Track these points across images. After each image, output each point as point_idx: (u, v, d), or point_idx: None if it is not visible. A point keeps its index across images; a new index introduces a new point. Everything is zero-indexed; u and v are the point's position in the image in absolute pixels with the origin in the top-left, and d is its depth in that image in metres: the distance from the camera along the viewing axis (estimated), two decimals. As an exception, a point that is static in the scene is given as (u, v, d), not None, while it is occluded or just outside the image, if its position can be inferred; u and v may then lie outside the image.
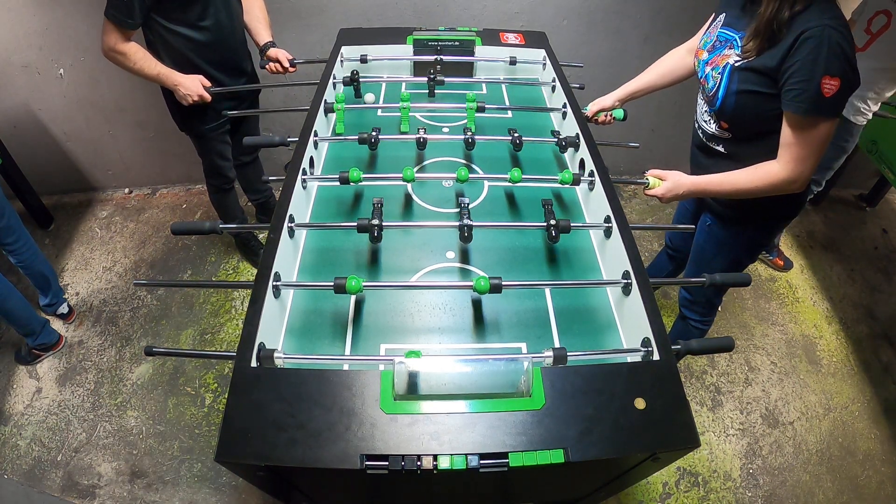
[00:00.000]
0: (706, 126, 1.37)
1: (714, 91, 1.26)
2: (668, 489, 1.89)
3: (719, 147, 1.36)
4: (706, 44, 1.34)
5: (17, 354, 2.19)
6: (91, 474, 1.88)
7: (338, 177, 1.27)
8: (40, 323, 2.12)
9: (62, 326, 2.32)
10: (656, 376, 0.90)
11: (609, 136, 2.35)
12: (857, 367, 2.28)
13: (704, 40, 1.36)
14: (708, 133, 1.37)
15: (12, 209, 1.99)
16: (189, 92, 1.74)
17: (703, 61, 1.33)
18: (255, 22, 1.93)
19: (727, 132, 1.31)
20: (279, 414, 0.82)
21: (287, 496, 1.10)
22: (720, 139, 1.35)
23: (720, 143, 1.36)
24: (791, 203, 1.39)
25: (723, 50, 1.27)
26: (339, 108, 1.52)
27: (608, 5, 2.38)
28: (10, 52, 2.36)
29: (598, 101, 1.67)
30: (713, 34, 1.33)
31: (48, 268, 2.20)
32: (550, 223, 1.17)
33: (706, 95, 1.32)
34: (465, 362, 0.98)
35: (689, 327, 1.75)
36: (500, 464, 0.79)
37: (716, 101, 1.26)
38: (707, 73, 1.30)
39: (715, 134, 1.34)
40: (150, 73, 1.70)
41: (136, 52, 1.67)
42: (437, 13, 2.37)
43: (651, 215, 2.94)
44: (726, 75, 1.22)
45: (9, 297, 1.96)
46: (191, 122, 1.94)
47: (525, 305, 1.13)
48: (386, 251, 1.24)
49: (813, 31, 1.06)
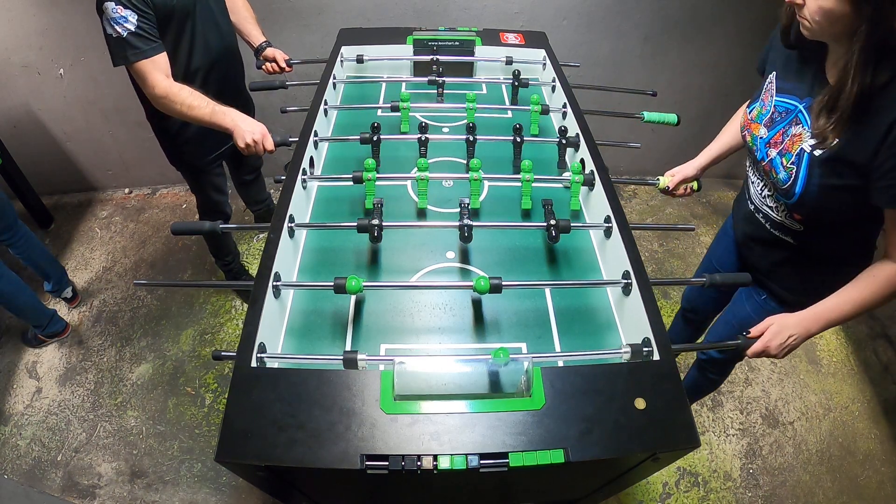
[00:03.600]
0: (771, 213, 1.18)
1: (789, 184, 1.06)
2: (668, 489, 1.89)
3: (788, 238, 1.19)
4: (761, 116, 1.13)
5: (24, 337, 2.23)
6: (91, 474, 1.88)
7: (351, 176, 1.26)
8: (48, 315, 2.16)
9: (67, 311, 2.35)
10: (656, 376, 0.90)
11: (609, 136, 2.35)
12: (857, 367, 2.28)
13: (758, 110, 1.14)
14: (774, 221, 1.19)
15: (11, 206, 2.01)
16: (251, 130, 1.48)
17: (761, 139, 1.13)
18: (244, 22, 1.83)
19: (799, 224, 1.13)
20: (279, 414, 0.82)
21: (287, 496, 1.10)
22: (789, 230, 1.17)
23: (789, 234, 1.18)
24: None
25: (785, 125, 1.07)
26: (405, 108, 1.51)
27: (608, 5, 2.38)
28: (10, 52, 2.36)
29: (679, 172, 1.46)
30: (767, 103, 1.12)
31: (48, 256, 2.24)
32: (550, 223, 1.17)
33: (776, 185, 1.11)
34: (465, 362, 0.98)
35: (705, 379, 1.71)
36: (500, 464, 0.79)
37: (792, 195, 1.06)
38: (773, 157, 1.09)
39: (784, 224, 1.17)
40: (205, 108, 1.48)
41: (181, 87, 1.47)
42: (437, 13, 2.37)
43: (651, 215, 2.94)
44: (804, 166, 1.02)
45: (20, 294, 2.00)
46: (185, 156, 1.78)
47: (525, 305, 1.13)
48: (386, 251, 1.24)
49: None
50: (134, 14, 1.36)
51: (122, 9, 1.35)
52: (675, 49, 2.55)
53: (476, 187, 1.28)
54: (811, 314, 1.08)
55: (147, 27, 1.39)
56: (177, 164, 1.83)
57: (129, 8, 1.36)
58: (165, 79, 1.45)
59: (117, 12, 1.34)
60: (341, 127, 1.63)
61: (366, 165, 1.25)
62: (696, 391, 1.86)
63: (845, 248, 1.12)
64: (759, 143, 1.13)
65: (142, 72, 1.42)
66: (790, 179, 1.05)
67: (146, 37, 1.40)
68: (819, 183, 1.01)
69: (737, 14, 2.43)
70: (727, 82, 2.66)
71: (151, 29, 1.41)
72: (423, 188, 1.28)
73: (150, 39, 1.41)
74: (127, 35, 1.37)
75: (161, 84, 1.44)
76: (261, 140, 1.49)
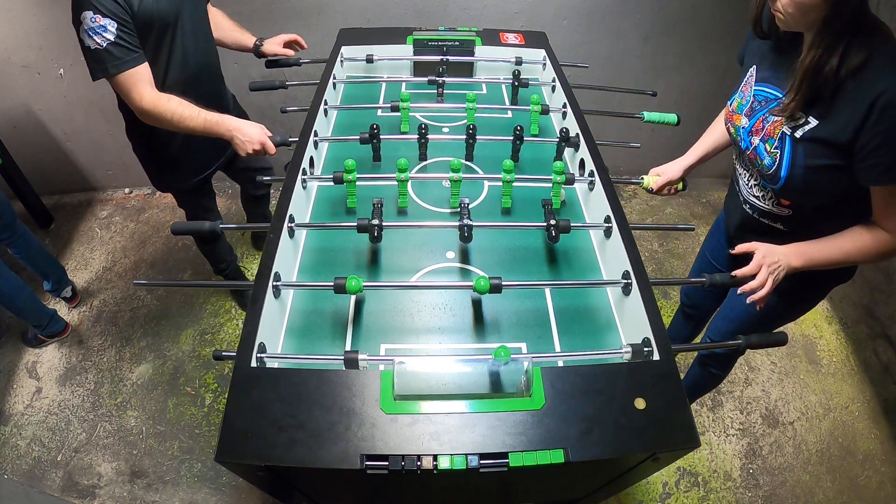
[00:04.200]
0: (758, 203, 1.20)
1: (774, 168, 1.07)
2: (668, 489, 1.89)
3: (777, 224, 1.20)
4: (741, 106, 1.15)
5: (24, 337, 2.23)
6: (91, 474, 1.88)
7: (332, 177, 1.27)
8: (48, 315, 2.16)
9: (67, 310, 2.35)
10: (656, 376, 0.90)
11: (609, 136, 2.35)
12: (857, 367, 2.28)
13: (738, 101, 1.17)
14: (762, 210, 1.20)
15: (10, 206, 2.01)
16: (250, 139, 1.44)
17: (743, 129, 1.14)
18: (231, 33, 1.76)
19: (787, 209, 1.15)
20: (279, 414, 0.82)
21: (287, 496, 1.10)
22: (778, 216, 1.18)
23: (778, 221, 1.19)
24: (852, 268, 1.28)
25: (765, 112, 1.09)
26: (405, 108, 1.50)
27: (608, 5, 2.38)
28: (10, 52, 2.36)
29: (664, 174, 1.42)
30: (747, 93, 1.14)
31: (47, 255, 2.23)
32: (550, 223, 1.17)
33: (762, 172, 1.12)
34: (465, 362, 0.98)
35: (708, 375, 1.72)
36: (500, 464, 0.79)
37: (778, 180, 1.07)
38: (756, 145, 1.10)
39: (772, 211, 1.18)
40: (196, 118, 1.40)
41: (169, 98, 1.38)
42: (437, 13, 2.37)
43: (651, 215, 2.94)
44: (787, 149, 1.04)
45: (19, 294, 2.00)
46: (167, 177, 1.69)
47: (525, 305, 1.13)
48: (386, 251, 1.24)
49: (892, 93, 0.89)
50: (113, 23, 1.27)
51: (101, 17, 1.26)
52: (675, 49, 2.55)
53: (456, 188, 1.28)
54: (795, 248, 1.10)
55: (127, 36, 1.30)
56: (160, 186, 1.76)
57: (108, 17, 1.27)
58: (151, 90, 1.36)
59: (96, 21, 1.26)
60: (341, 127, 1.63)
61: (346, 166, 1.25)
62: (698, 388, 1.86)
63: (835, 230, 1.11)
64: (741, 133, 1.15)
65: (125, 84, 1.34)
66: (774, 164, 1.06)
67: (127, 47, 1.31)
68: (803, 165, 1.03)
69: (736, 14, 2.43)
70: (727, 82, 2.66)
71: (132, 38, 1.31)
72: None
73: (131, 49, 1.31)
74: (107, 45, 1.28)
75: (147, 95, 1.35)
76: (261, 148, 1.45)
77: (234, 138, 1.45)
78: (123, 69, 1.31)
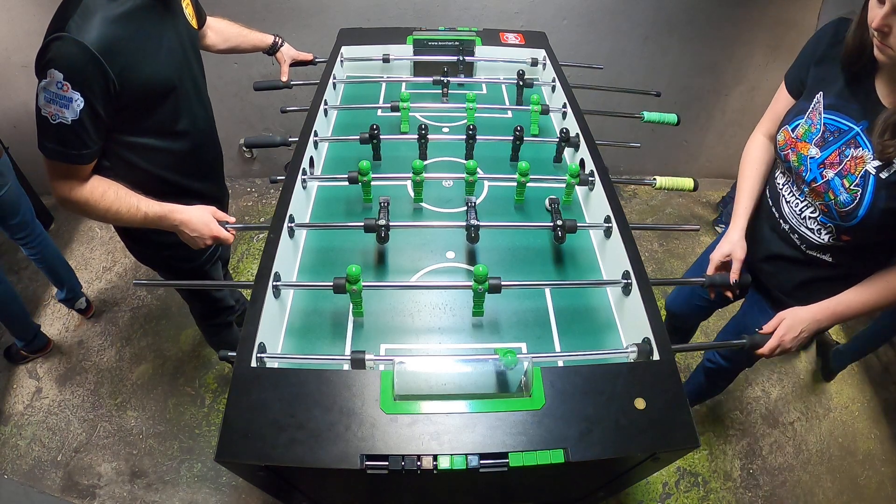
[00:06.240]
0: (812, 235, 1.12)
1: (852, 206, 1.00)
2: (668, 489, 1.89)
3: (825, 256, 1.14)
4: (810, 135, 1.07)
5: (8, 353, 2.19)
6: (91, 474, 1.88)
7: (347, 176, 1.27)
8: (33, 330, 2.13)
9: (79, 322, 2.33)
10: (656, 376, 0.90)
11: (609, 136, 2.35)
12: (857, 367, 2.28)
13: (805, 129, 1.07)
14: (813, 243, 1.13)
15: (29, 204, 1.99)
16: (199, 234, 1.20)
17: (812, 160, 1.06)
18: (244, 37, 1.59)
19: (846, 243, 1.08)
20: (279, 414, 0.82)
21: (287, 496, 1.10)
22: (829, 249, 1.12)
23: (828, 253, 1.13)
24: None
25: (840, 145, 1.01)
26: (405, 108, 1.51)
27: (608, 5, 2.38)
28: (10, 52, 2.36)
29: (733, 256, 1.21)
30: (816, 121, 1.06)
31: (64, 262, 2.20)
32: (557, 223, 1.17)
33: (832, 207, 1.04)
34: (465, 362, 0.98)
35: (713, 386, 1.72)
36: (500, 464, 0.79)
37: (853, 218, 1.00)
38: (831, 179, 1.02)
39: (825, 244, 1.11)
40: (135, 215, 1.13)
41: (105, 191, 1.09)
42: (437, 13, 2.37)
43: (651, 215, 2.94)
44: (871, 189, 0.97)
45: (12, 302, 1.97)
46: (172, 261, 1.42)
47: (525, 305, 1.13)
48: (386, 251, 1.24)
49: None
50: (81, 101, 0.97)
51: (70, 87, 0.95)
52: (675, 49, 2.55)
53: (470, 190, 1.28)
54: (822, 308, 1.11)
55: (90, 124, 1.00)
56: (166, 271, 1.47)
57: (78, 89, 0.96)
58: (84, 184, 1.08)
59: (62, 89, 0.95)
60: (341, 127, 1.63)
61: (361, 167, 1.24)
62: (701, 396, 1.85)
63: (879, 265, 1.09)
64: (809, 164, 1.07)
65: (58, 172, 1.05)
66: (854, 202, 1.00)
67: (82, 139, 1.01)
68: (884, 207, 0.97)
69: (736, 14, 2.43)
70: (727, 82, 2.66)
71: (94, 128, 1.02)
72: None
73: (85, 143, 1.02)
74: (59, 123, 0.97)
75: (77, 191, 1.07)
76: (212, 243, 1.24)
77: (182, 234, 1.22)
78: (63, 161, 1.02)
